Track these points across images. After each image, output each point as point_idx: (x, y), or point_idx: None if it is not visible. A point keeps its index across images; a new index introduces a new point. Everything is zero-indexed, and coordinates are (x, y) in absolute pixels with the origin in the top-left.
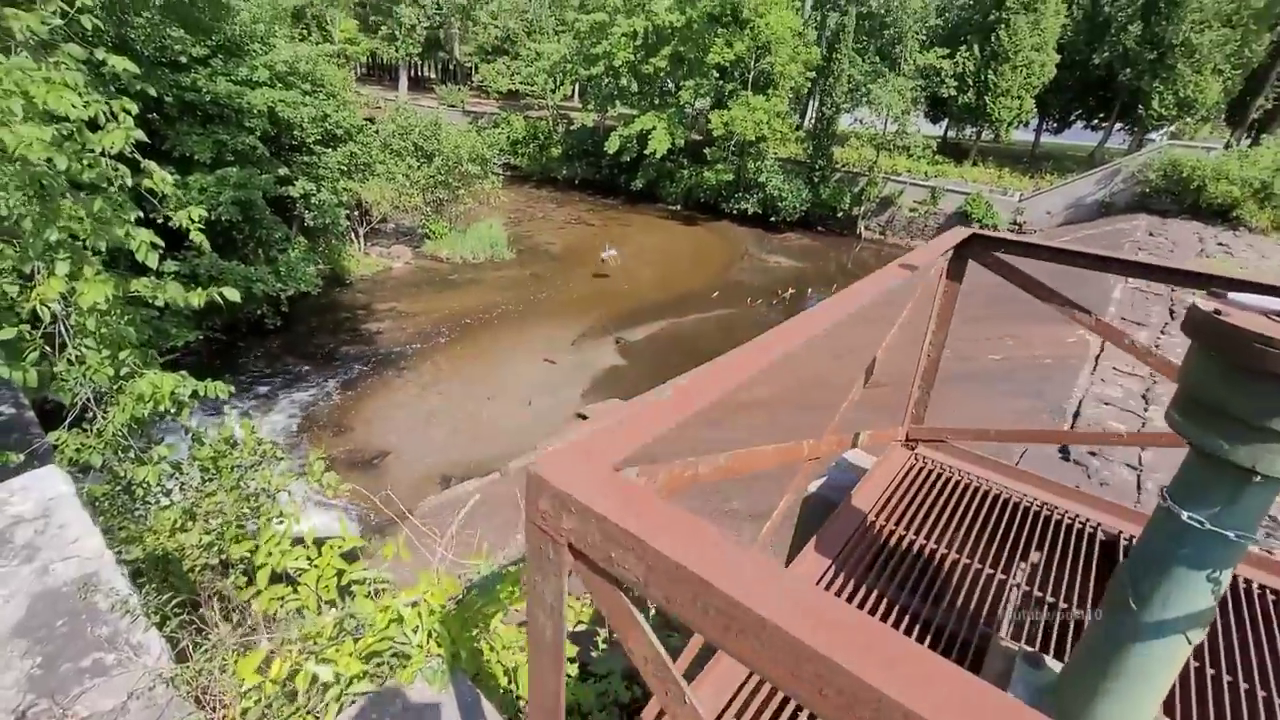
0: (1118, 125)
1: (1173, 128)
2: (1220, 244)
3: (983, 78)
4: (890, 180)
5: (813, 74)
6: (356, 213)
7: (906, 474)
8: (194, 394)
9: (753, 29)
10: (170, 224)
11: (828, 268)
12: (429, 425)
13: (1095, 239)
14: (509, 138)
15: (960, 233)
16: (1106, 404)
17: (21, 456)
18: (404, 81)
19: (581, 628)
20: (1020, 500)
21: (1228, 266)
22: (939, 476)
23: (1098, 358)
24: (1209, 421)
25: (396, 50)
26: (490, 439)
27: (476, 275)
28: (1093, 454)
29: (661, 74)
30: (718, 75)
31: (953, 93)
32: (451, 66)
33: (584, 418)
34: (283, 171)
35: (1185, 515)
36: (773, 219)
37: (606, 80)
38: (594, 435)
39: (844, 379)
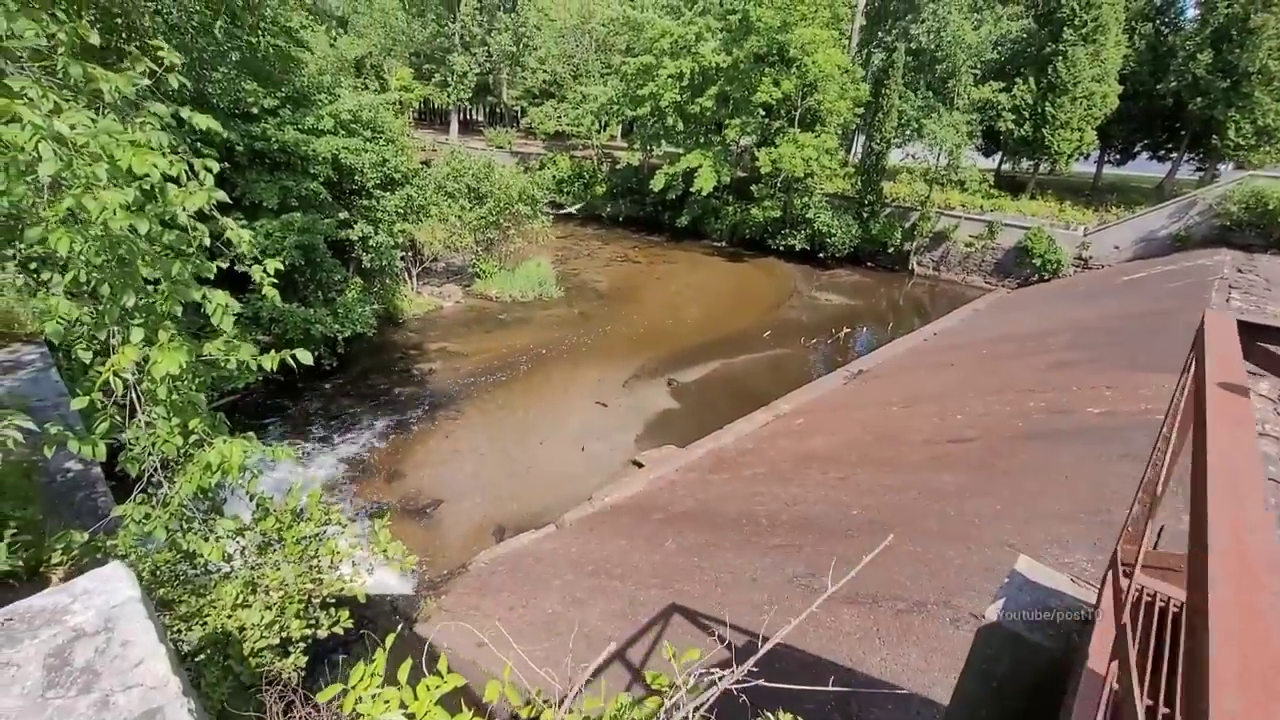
0: (1186, 156)
1: (1251, 159)
2: None
3: (1040, 110)
4: (944, 215)
5: (861, 110)
6: (410, 253)
7: (1150, 621)
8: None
9: (800, 67)
10: (236, 268)
11: (879, 304)
12: (481, 471)
13: (1174, 275)
14: (555, 177)
15: (1219, 321)
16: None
17: (85, 536)
18: (455, 125)
19: None
20: None
21: None
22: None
23: None
24: None
25: (448, 96)
26: (544, 486)
27: (526, 314)
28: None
29: (708, 113)
30: (764, 113)
31: (1010, 126)
32: (499, 110)
33: (639, 465)
34: (343, 215)
35: None
36: (821, 255)
37: (652, 120)
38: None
39: (916, 431)
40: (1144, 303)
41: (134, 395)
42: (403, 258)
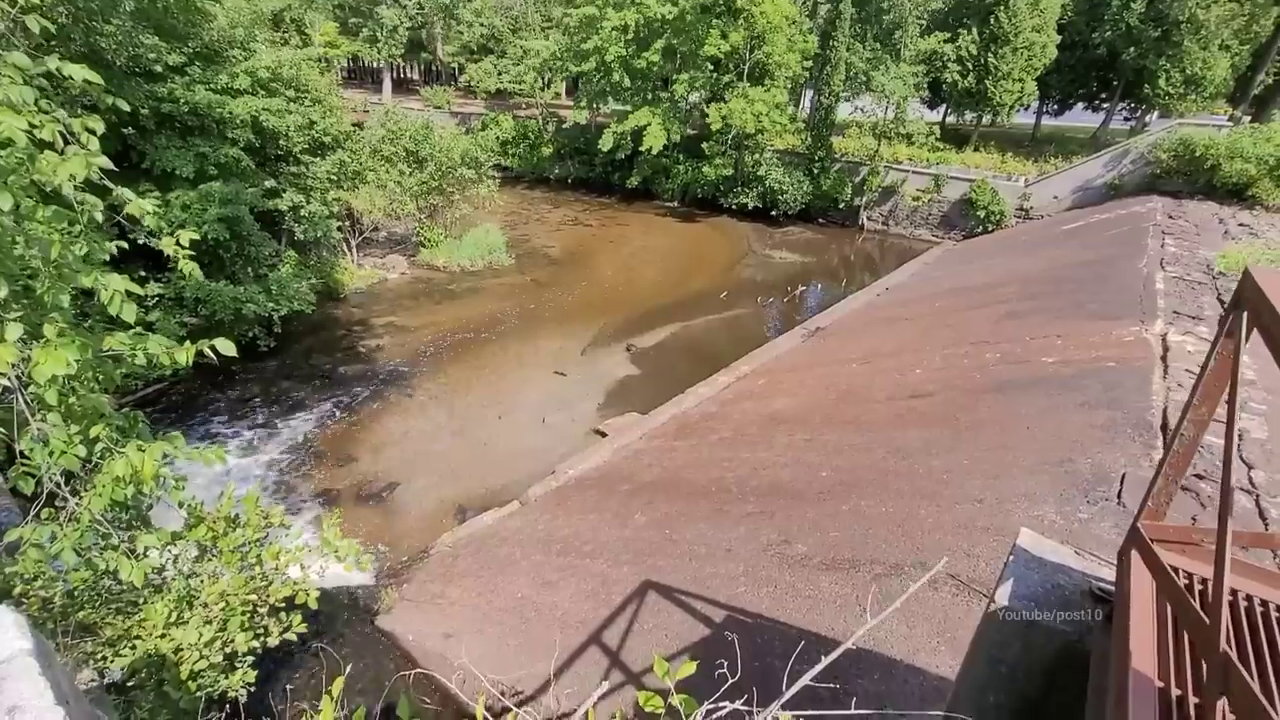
0: (1119, 106)
1: (1179, 107)
2: (1241, 224)
3: (983, 61)
4: (892, 169)
5: (810, 63)
6: (347, 223)
7: (1220, 612)
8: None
9: (748, 18)
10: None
11: (831, 260)
12: (438, 450)
13: (1110, 223)
14: (499, 138)
15: (1270, 276)
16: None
17: None
18: (388, 84)
19: None
20: None
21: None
22: (1256, 613)
23: (1164, 358)
24: None
25: (379, 53)
26: (505, 462)
27: (476, 283)
28: (1199, 477)
29: (655, 68)
30: (712, 68)
31: (955, 77)
32: (435, 67)
33: (603, 434)
34: (269, 184)
35: None
36: (773, 213)
37: (598, 76)
38: None
39: (878, 388)
40: (1085, 251)
41: (21, 401)
42: (340, 228)
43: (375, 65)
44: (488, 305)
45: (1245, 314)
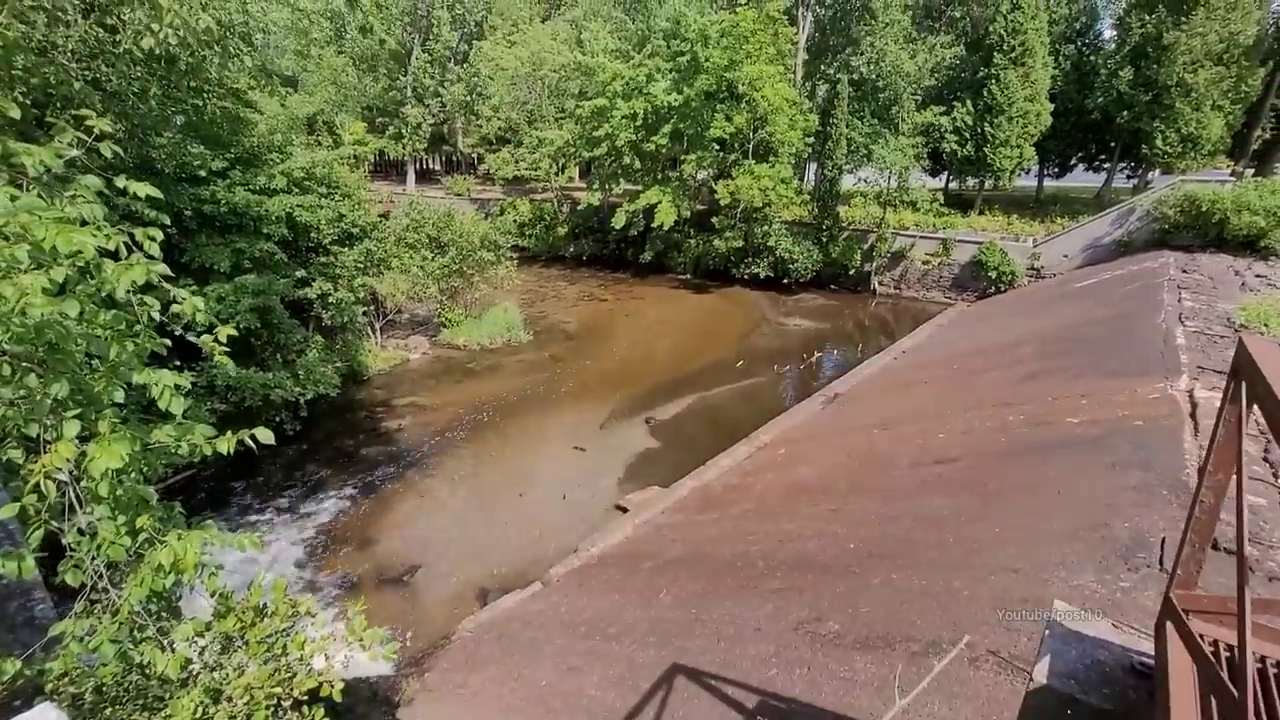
0: (1120, 165)
1: (1178, 165)
2: (1258, 275)
3: (980, 130)
4: (899, 235)
5: (812, 139)
6: (372, 306)
7: (1247, 682)
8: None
9: (750, 102)
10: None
11: (845, 326)
12: (459, 530)
13: (1124, 279)
14: (516, 221)
15: (1264, 347)
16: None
17: (18, 664)
18: (411, 176)
19: None
20: None
21: None
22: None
23: (1193, 415)
24: None
25: (403, 148)
26: (527, 541)
27: (495, 361)
28: (1251, 540)
29: (664, 150)
30: (718, 147)
31: (953, 146)
32: (456, 158)
33: (624, 510)
34: (300, 274)
35: None
36: (785, 280)
37: (610, 160)
38: None
39: (901, 454)
40: (1101, 308)
41: (72, 494)
42: (365, 312)
43: (400, 159)
44: (507, 382)
45: (1243, 382)
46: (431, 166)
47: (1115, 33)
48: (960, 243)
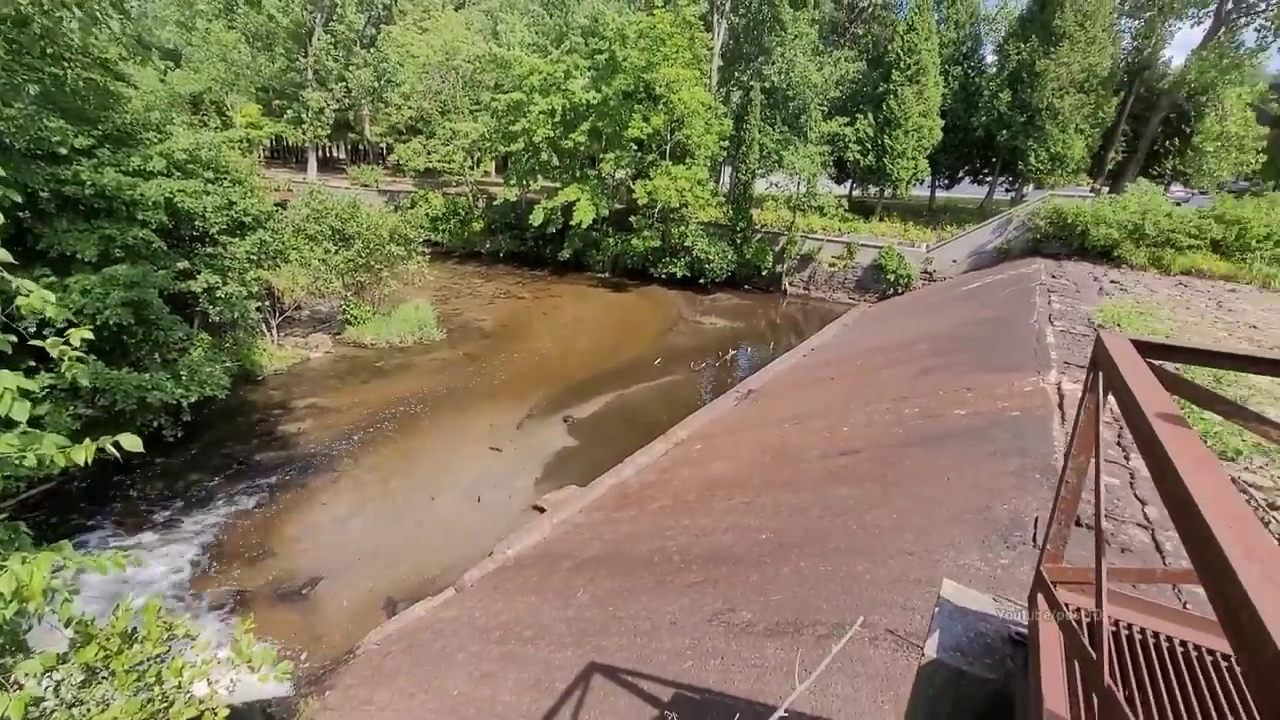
0: (1000, 179)
1: (1048, 180)
2: (1113, 281)
3: (880, 142)
4: (808, 238)
5: (726, 143)
6: (267, 302)
7: (1104, 646)
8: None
9: (667, 104)
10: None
11: (759, 324)
12: (366, 538)
13: (1004, 283)
14: (428, 215)
15: (1116, 341)
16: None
17: None
18: (313, 164)
19: None
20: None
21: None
22: (1145, 647)
23: (1060, 405)
24: None
25: (304, 133)
26: (439, 546)
27: (406, 360)
28: (1108, 517)
29: (582, 148)
30: (636, 148)
31: (856, 156)
32: (363, 147)
33: (541, 509)
34: (183, 265)
35: None
36: (701, 280)
37: (527, 156)
38: None
39: (810, 447)
40: (985, 310)
41: None
42: (259, 307)
43: (301, 145)
44: (418, 382)
45: (1100, 374)
46: (336, 155)
47: (996, 58)
48: (863, 247)
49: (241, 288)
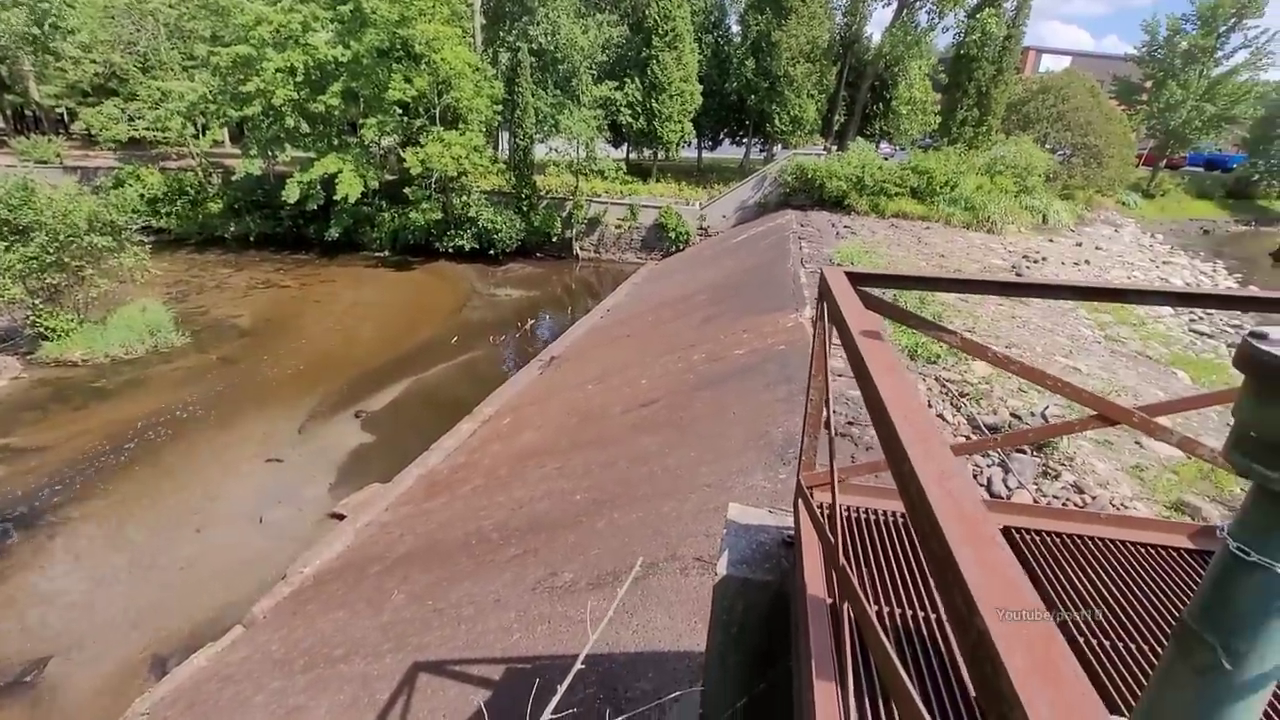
0: (754, 140)
1: (791, 140)
2: (846, 226)
3: (649, 106)
4: (593, 202)
5: (499, 107)
6: None
7: (846, 531)
8: None
9: (430, 64)
10: None
11: (555, 291)
12: (112, 593)
13: (765, 234)
14: (143, 195)
15: (834, 274)
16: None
17: None
18: None
19: None
20: None
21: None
22: (878, 524)
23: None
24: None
25: None
26: (215, 585)
27: (138, 374)
28: (851, 423)
29: (336, 112)
30: (401, 111)
31: (628, 120)
32: (30, 112)
33: (340, 516)
34: None
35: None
36: (492, 251)
37: (268, 122)
38: None
39: (613, 404)
40: (752, 258)
41: None
42: None
43: None
44: (160, 398)
45: (825, 304)
46: None
47: (740, 28)
48: (644, 207)
49: None
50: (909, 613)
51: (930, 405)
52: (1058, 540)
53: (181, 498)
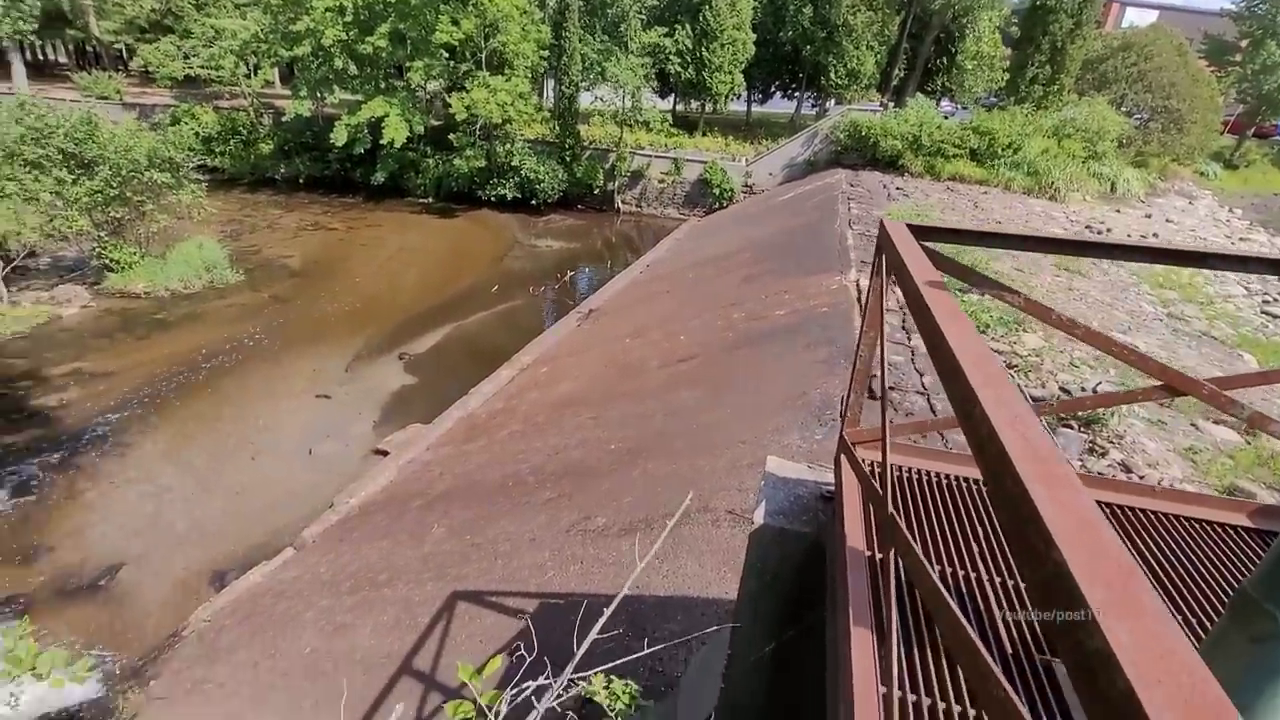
0: (807, 94)
1: (846, 95)
2: (898, 188)
3: (699, 55)
4: (637, 154)
5: (546, 53)
6: None
7: (888, 486)
8: None
9: (477, 5)
10: None
11: (595, 244)
12: (175, 512)
13: (812, 193)
14: (199, 134)
15: (895, 226)
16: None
17: None
18: (19, 69)
19: None
20: None
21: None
22: (922, 483)
23: (859, 299)
24: None
25: None
26: (268, 510)
27: (195, 308)
28: (893, 389)
29: (384, 54)
30: (447, 55)
31: (677, 69)
32: (92, 48)
33: (384, 453)
34: None
35: None
36: (534, 202)
37: (317, 63)
38: None
39: (651, 358)
40: (797, 218)
41: None
42: None
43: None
44: (216, 332)
45: (884, 257)
46: (54, 58)
47: None
48: (689, 162)
49: None
50: (949, 570)
51: None
52: (1110, 511)
53: (237, 427)
